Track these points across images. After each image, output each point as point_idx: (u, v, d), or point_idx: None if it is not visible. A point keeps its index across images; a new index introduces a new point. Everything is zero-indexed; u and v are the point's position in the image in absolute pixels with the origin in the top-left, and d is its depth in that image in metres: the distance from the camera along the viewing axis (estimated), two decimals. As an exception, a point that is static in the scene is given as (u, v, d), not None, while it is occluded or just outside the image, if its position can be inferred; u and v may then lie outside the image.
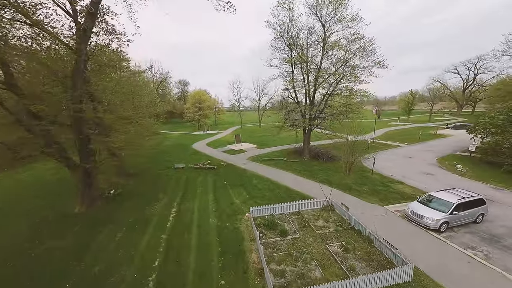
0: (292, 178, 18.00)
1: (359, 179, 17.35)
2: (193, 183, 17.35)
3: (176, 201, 13.99)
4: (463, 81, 74.05)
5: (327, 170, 19.64)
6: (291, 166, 20.98)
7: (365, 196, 14.13)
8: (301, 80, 21.14)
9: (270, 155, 25.68)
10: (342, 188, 15.49)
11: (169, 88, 79.18)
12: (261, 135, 43.05)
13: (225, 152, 28.61)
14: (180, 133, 50.74)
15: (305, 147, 23.43)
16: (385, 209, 12.36)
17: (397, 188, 15.46)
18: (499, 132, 19.19)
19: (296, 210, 12.08)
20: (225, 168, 21.05)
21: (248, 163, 22.94)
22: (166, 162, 23.76)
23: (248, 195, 14.68)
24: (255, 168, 20.91)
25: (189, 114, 55.86)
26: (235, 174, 19.19)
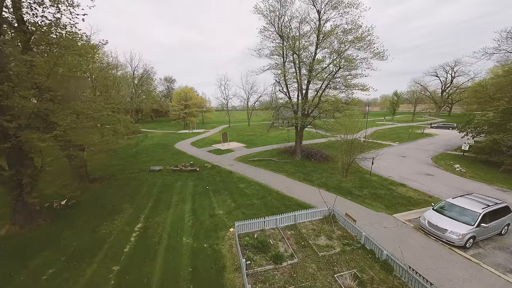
0: (285, 181, 15.89)
1: (357, 181, 15.60)
2: (170, 189, 14.70)
3: (144, 213, 11.33)
4: (441, 83, 76.81)
5: (321, 172, 17.77)
6: (283, 168, 18.90)
7: (368, 202, 12.30)
8: (293, 73, 19.12)
9: (260, 155, 23.47)
10: (341, 192, 13.60)
11: (153, 85, 74.96)
12: (250, 134, 40.78)
13: (210, 152, 26.01)
14: (164, 132, 47.18)
15: (297, 147, 21.47)
16: (395, 218, 10.55)
17: (400, 191, 13.83)
18: (496, 130, 18.34)
19: (292, 223, 9.93)
20: (209, 170, 18.53)
21: (235, 164, 20.58)
22: (141, 164, 20.79)
23: (234, 204, 12.34)
24: (243, 170, 18.59)
25: (174, 112, 52.30)
26: (220, 178, 16.75)
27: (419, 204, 12.08)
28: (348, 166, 16.20)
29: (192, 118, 52.56)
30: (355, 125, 16.42)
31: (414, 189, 14.22)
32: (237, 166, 19.95)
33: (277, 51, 18.63)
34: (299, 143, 21.19)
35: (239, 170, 18.58)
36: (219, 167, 19.51)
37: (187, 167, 19.00)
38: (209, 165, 19.92)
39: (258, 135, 39.25)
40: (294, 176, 16.74)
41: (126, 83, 47.30)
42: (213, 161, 21.43)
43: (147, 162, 21.59)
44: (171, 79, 77.40)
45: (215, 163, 20.73)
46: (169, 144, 31.84)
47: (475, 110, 62.34)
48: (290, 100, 19.06)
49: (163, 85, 78.19)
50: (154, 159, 22.99)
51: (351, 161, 15.96)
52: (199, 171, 18.36)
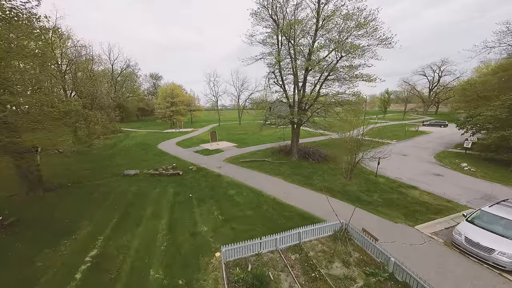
0: (282, 185, 13.77)
1: (364, 184, 13.78)
2: (144, 198, 12.13)
3: (104, 233, 8.77)
4: (429, 82, 78.25)
5: (322, 173, 15.82)
6: (279, 169, 16.78)
7: (382, 210, 10.41)
8: (289, 63, 17.00)
9: (252, 156, 21.24)
10: (348, 198, 11.67)
11: (138, 82, 70.72)
12: (241, 133, 38.45)
13: (197, 152, 23.44)
14: (148, 131, 43.74)
15: (293, 146, 19.43)
16: (418, 232, 8.68)
17: (413, 195, 12.11)
18: (503, 126, 17.21)
19: (296, 242, 7.79)
20: (194, 174, 16.06)
21: (225, 166, 18.21)
22: (115, 167, 17.91)
23: (222, 216, 10.03)
24: (233, 172, 16.27)
25: (160, 110, 48.80)
26: (207, 183, 14.35)
27: (440, 211, 10.34)
28: (353, 167, 14.33)
29: (179, 116, 49.32)
30: (361, 121, 14.58)
31: (428, 192, 12.55)
32: (227, 168, 17.60)
33: (270, 37, 16.45)
34: (295, 141, 19.16)
35: (229, 173, 16.25)
36: (206, 170, 17.07)
37: (168, 171, 16.41)
38: (194, 167, 17.42)
39: (249, 133, 36.99)
40: (292, 179, 14.65)
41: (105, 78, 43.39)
42: (199, 163, 18.94)
43: (122, 165, 18.72)
44: (157, 76, 73.33)
45: (201, 165, 18.26)
46: (152, 144, 28.85)
47: (463, 108, 63.84)
48: (285, 92, 16.92)
49: (148, 82, 74.01)
50: (132, 161, 20.13)
51: (357, 161, 14.09)
52: (182, 175, 15.83)
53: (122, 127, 51.53)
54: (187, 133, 39.34)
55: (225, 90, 61.68)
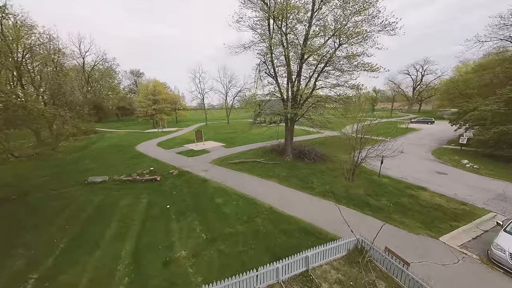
0: (277, 190, 11.95)
1: (368, 186, 12.34)
2: (108, 213, 9.75)
3: (44, 265, 6.42)
4: (413, 81, 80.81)
5: (320, 175, 14.23)
6: (272, 171, 14.97)
7: (396, 218, 8.91)
8: (282, 52, 15.20)
9: (242, 156, 19.26)
10: (355, 204, 10.09)
11: (118, 79, 65.90)
12: (230, 132, 36.28)
13: (180, 154, 21.03)
14: (127, 131, 40.16)
15: (287, 144, 17.72)
16: (445, 245, 7.22)
17: (424, 198, 10.81)
18: (502, 121, 16.69)
19: (303, 270, 5.98)
20: (175, 179, 13.79)
21: (211, 168, 16.08)
22: (81, 173, 15.12)
23: (207, 234, 8.00)
24: (221, 176, 14.21)
25: (141, 109, 45.18)
26: (189, 189, 12.18)
27: (459, 216, 9.04)
28: (356, 167, 12.85)
29: (163, 115, 46.05)
30: (363, 116, 13.17)
31: (439, 194, 11.33)
32: (214, 171, 15.48)
33: (261, 22, 14.53)
34: (289, 140, 17.45)
35: (216, 176, 14.16)
36: (190, 174, 14.84)
37: (144, 176, 14.00)
38: (175, 171, 15.10)
39: (239, 132, 34.92)
40: (289, 183, 12.89)
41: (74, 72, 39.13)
42: (182, 166, 16.63)
43: (90, 170, 15.94)
44: (138, 72, 68.70)
45: (184, 169, 15.99)
46: (129, 145, 25.86)
47: (446, 105, 66.28)
48: (278, 85, 15.10)
49: (129, 79, 69.18)
50: (102, 165, 17.33)
51: (361, 160, 12.62)
52: (160, 180, 13.50)
53: (99, 127, 47.36)
54: (170, 133, 36.42)
55: (211, 87, 58.87)
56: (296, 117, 15.97)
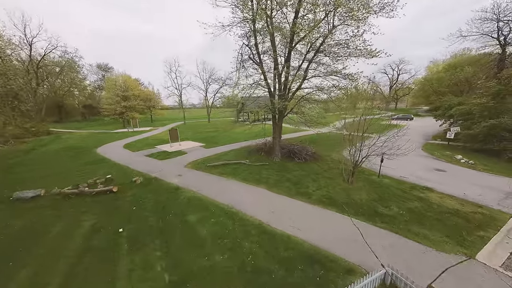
0: (267, 198, 9.78)
1: (370, 189, 10.73)
2: (27, 245, 6.73)
3: None
4: (389, 80, 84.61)
5: (315, 177, 12.38)
6: (260, 174, 12.77)
7: (414, 229, 7.23)
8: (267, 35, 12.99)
9: (224, 157, 16.79)
10: (363, 213, 8.28)
11: (82, 73, 58.55)
12: (211, 131, 33.43)
13: (150, 156, 17.88)
14: (91, 132, 35.14)
15: (275, 143, 15.67)
16: (488, 268, 5.61)
17: (435, 200, 9.43)
18: (490, 114, 16.44)
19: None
20: (138, 190, 10.92)
21: (187, 173, 13.40)
22: (9, 185, 11.45)
23: (171, 273, 5.52)
24: (197, 183, 11.65)
25: (108, 106, 40.07)
26: (154, 203, 9.47)
27: (481, 223, 7.66)
28: (356, 167, 11.18)
29: (134, 113, 41.45)
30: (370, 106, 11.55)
31: (448, 195, 10.07)
32: (189, 176, 12.83)
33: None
34: (278, 138, 15.41)
35: (192, 184, 11.57)
36: (158, 181, 12.04)
37: (96, 187, 10.91)
38: (140, 179, 12.15)
39: (220, 131, 32.25)
40: (281, 188, 10.77)
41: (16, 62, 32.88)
42: (150, 171, 13.70)
43: (23, 181, 12.29)
44: (106, 66, 61.92)
45: (153, 175, 13.10)
46: (89, 147, 21.86)
47: (421, 103, 69.96)
48: (263, 73, 12.87)
49: (96, 74, 62.05)
50: (45, 174, 13.66)
51: (362, 160, 10.98)
52: (118, 192, 10.54)
53: (59, 127, 41.29)
54: (142, 133, 32.47)
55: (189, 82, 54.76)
56: (285, 111, 13.94)
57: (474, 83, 46.64)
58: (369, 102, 19.37)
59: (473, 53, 50.61)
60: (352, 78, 13.20)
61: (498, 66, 21.88)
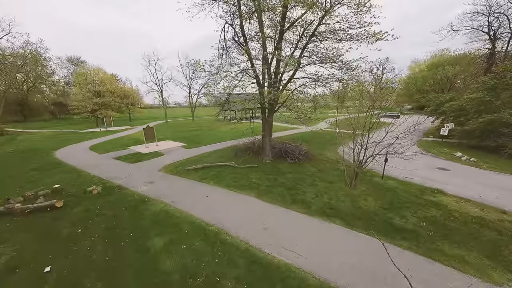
0: (257, 210, 7.86)
1: (377, 193, 9.24)
2: None
3: None
4: (374, 79, 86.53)
5: (311, 179, 10.71)
6: (247, 178, 10.84)
7: (445, 249, 5.70)
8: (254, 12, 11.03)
9: (206, 159, 14.64)
10: (376, 227, 6.65)
11: (50, 68, 52.71)
12: (194, 129, 30.92)
13: (120, 159, 15.25)
14: (57, 132, 31.08)
15: (265, 142, 13.83)
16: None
17: (453, 207, 8.09)
18: (487, 109, 15.84)
19: None
20: (92, 203, 8.51)
21: (160, 179, 11.12)
22: None
23: None
24: (171, 191, 9.47)
25: (77, 103, 35.89)
26: (108, 223, 7.18)
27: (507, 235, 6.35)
28: (361, 168, 9.64)
29: (109, 111, 37.63)
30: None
31: (463, 199, 8.82)
32: (162, 183, 10.57)
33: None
34: (268, 136, 13.57)
35: (164, 192, 9.36)
36: (123, 191, 9.67)
37: (36, 201, 8.34)
38: (98, 188, 9.69)
39: (204, 130, 29.86)
40: (273, 196, 8.91)
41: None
42: (115, 178, 11.23)
43: None
44: (78, 60, 56.41)
45: (117, 182, 10.68)
46: (47, 149, 18.58)
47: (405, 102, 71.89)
48: (250, 59, 10.87)
49: (66, 68, 56.29)
50: (-27, 184, 10.67)
51: (364, 162, 9.46)
52: (62, 207, 8.08)
53: (20, 127, 36.52)
54: (116, 133, 29.18)
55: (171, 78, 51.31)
56: (276, 104, 12.11)
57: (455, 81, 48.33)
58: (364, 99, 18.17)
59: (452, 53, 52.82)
60: (349, 67, 11.70)
61: (488, 61, 21.87)
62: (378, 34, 9.39)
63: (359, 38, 9.90)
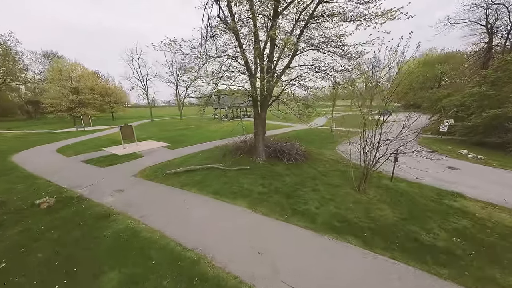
0: (249, 226, 6.25)
1: (389, 198, 7.90)
2: None
3: None
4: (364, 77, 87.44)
5: (313, 184, 9.24)
6: (238, 184, 9.21)
7: (495, 275, 4.37)
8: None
9: (191, 160, 12.86)
10: (401, 246, 5.23)
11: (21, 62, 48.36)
12: (181, 128, 28.85)
13: (90, 162, 13.14)
14: (25, 132, 27.94)
15: (258, 140, 12.24)
16: None
17: (480, 213, 6.89)
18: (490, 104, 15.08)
19: None
20: (34, 223, 6.57)
21: (133, 186, 9.25)
22: None
23: None
24: (143, 202, 7.68)
25: (51, 100, 32.68)
26: (49, 250, 5.32)
27: None
28: (371, 170, 8.27)
29: (88, 109, 34.69)
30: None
31: (488, 203, 7.65)
32: (134, 192, 8.72)
33: None
34: (261, 134, 11.99)
35: (134, 203, 7.56)
36: (82, 203, 7.75)
37: (-46, 222, 6.29)
38: (49, 201, 7.71)
39: (192, 128, 27.86)
40: (269, 206, 7.32)
41: None
42: (77, 186, 9.25)
43: None
44: (55, 55, 52.25)
45: (78, 191, 8.72)
46: (5, 151, 16.03)
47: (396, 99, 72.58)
48: (239, 42, 9.18)
49: (42, 64, 51.93)
50: None
51: (379, 158, 8.11)
52: (-8, 229, 6.10)
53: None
54: (96, 132, 26.62)
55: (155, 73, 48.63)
56: (270, 97, 10.54)
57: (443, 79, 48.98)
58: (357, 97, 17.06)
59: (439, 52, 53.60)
60: (351, 56, 10.36)
61: (485, 56, 21.44)
62: (390, 12, 7.98)
63: (366, 19, 8.49)
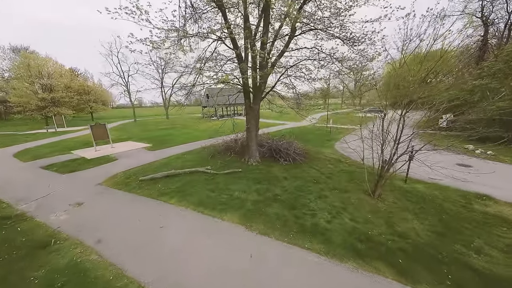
0: (242, 253, 4.64)
1: (411, 205, 6.59)
2: None
3: None
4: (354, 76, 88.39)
5: (318, 188, 7.78)
6: (228, 190, 7.56)
7: None
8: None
9: (173, 163, 11.02)
10: (458, 282, 3.84)
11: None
12: (166, 128, 26.67)
13: (50, 167, 10.95)
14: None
15: (251, 138, 10.64)
16: None
17: None
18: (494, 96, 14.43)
19: None
20: None
21: (95, 197, 7.34)
22: None
23: None
24: (102, 220, 5.85)
25: (17, 99, 29.23)
26: None
27: None
28: (387, 172, 6.90)
29: (64, 109, 31.52)
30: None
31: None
32: (96, 205, 6.84)
33: None
34: (254, 131, 10.39)
35: (92, 221, 5.72)
36: (20, 225, 5.80)
37: None
38: (-29, 223, 5.71)
39: (178, 128, 25.77)
40: (267, 221, 5.75)
41: None
42: (22, 199, 7.21)
43: None
44: (26, 50, 47.66)
45: (21, 206, 6.72)
46: None
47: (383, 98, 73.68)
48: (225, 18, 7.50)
49: (10, 60, 47.21)
50: None
51: (398, 158, 6.78)
52: None
53: None
54: (69, 133, 23.85)
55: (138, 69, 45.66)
56: (264, 86, 8.97)
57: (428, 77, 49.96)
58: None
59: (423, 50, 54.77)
60: (354, 41, 9.06)
61: (480, 49, 21.10)
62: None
63: None
